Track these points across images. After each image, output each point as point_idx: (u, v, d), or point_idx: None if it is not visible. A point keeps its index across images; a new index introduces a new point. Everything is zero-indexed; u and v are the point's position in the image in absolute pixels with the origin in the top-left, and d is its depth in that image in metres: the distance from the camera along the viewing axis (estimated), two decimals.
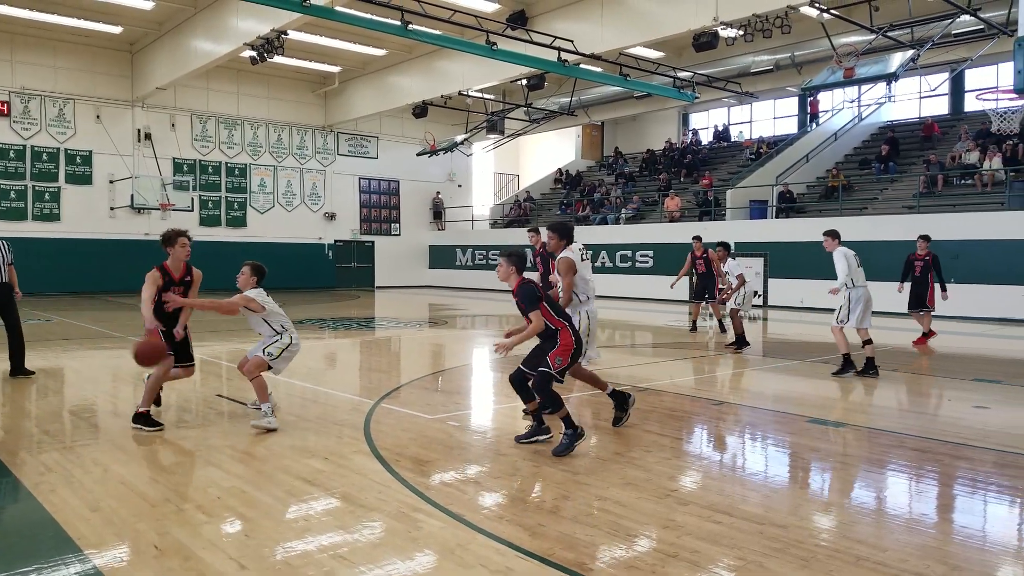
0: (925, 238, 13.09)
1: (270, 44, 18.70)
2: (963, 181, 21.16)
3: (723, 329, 14.42)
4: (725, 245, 13.14)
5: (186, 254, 6.67)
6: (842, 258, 9.41)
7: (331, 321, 17.39)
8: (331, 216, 30.94)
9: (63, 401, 7.92)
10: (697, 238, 14.81)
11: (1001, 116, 18.05)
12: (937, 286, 12.87)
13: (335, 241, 31.32)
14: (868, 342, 9.52)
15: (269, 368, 6.58)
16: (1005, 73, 23.97)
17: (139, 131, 26.30)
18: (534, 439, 6.01)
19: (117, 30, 23.76)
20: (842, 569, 3.70)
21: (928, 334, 13.14)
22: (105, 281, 25.37)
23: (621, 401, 6.65)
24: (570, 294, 6.87)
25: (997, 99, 18.27)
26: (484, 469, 5.41)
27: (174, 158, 27.11)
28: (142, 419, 6.50)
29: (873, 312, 9.72)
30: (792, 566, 3.73)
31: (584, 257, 7.00)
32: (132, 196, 25.65)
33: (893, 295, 13.37)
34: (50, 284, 23.95)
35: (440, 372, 10.27)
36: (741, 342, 12.00)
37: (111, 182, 25.84)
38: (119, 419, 6.89)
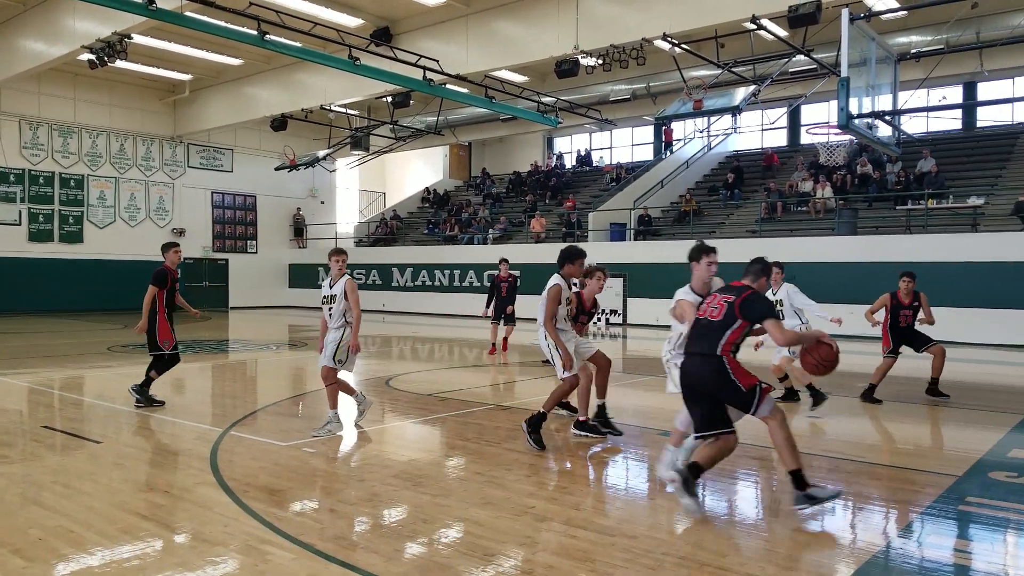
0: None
1: (111, 48, 17.54)
2: (799, 208, 22.82)
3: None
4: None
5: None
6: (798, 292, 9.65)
7: (179, 344, 16.38)
8: (180, 232, 29.23)
9: None
10: (906, 275, 10.19)
11: (828, 149, 19.68)
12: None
13: (184, 259, 29.67)
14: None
15: None
16: (835, 109, 25.97)
17: None
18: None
19: None
20: (687, 575, 3.83)
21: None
22: None
23: None
24: None
25: (828, 133, 19.85)
26: (341, 496, 5.23)
27: None
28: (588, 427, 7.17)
29: None
30: (641, 574, 3.83)
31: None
32: None
33: None
34: None
35: (299, 396, 9.91)
36: None
37: None
38: None
